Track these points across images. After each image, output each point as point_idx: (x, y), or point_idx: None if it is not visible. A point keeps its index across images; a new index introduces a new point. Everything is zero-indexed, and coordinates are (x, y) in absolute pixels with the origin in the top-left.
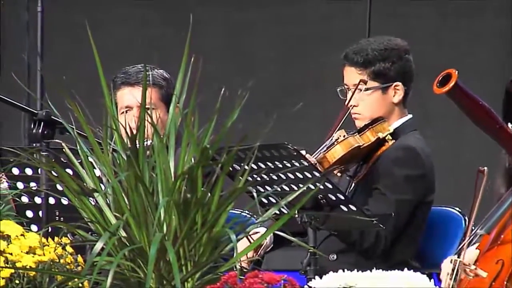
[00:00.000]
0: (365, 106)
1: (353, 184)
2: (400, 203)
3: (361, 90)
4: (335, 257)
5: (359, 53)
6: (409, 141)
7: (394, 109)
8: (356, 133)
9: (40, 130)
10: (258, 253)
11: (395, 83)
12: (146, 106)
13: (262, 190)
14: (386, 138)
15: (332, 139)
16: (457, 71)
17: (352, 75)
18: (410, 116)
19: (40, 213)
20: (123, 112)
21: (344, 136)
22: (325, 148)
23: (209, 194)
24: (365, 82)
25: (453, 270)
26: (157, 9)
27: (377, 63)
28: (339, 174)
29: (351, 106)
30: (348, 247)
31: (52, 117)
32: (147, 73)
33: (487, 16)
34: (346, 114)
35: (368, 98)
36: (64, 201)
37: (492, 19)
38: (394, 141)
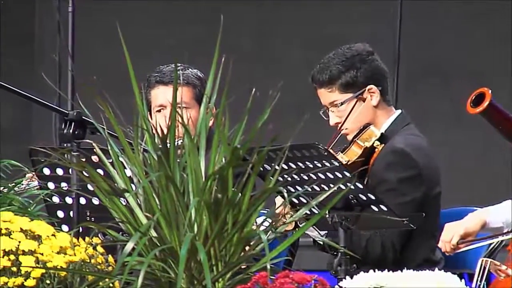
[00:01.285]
0: (348, 120)
1: None
2: (401, 206)
3: (337, 106)
4: (355, 266)
5: (322, 72)
6: (396, 143)
7: (377, 112)
8: (339, 152)
9: (71, 131)
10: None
11: (367, 87)
12: (179, 105)
13: (292, 190)
14: (374, 145)
15: None
16: (490, 90)
17: (324, 95)
18: (398, 112)
19: (71, 213)
20: (157, 111)
21: None
22: None
23: (240, 194)
24: (356, 103)
25: (483, 270)
26: (188, 9)
27: (342, 75)
28: None
29: (336, 124)
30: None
31: (83, 117)
32: (182, 72)
33: None
34: (339, 135)
35: (347, 111)
36: (95, 201)
37: None
38: (383, 145)
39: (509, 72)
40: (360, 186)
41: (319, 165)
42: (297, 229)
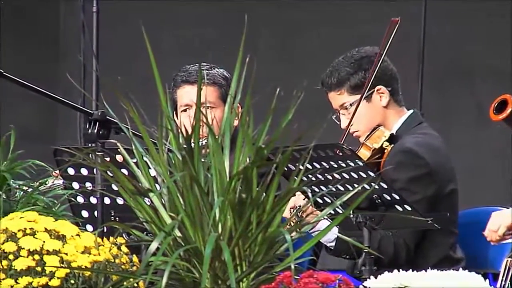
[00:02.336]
0: (358, 122)
1: None
2: (414, 205)
3: (347, 108)
4: (375, 268)
5: (331, 75)
6: (405, 142)
7: (387, 113)
8: None
9: (95, 130)
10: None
11: (376, 88)
12: (205, 105)
13: (317, 190)
14: (384, 146)
15: None
16: None
17: (334, 98)
18: (410, 112)
19: (96, 213)
20: (183, 111)
21: None
22: None
23: (264, 194)
24: (365, 104)
25: (508, 270)
26: (213, 9)
27: (351, 77)
28: None
29: (346, 127)
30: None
31: (108, 117)
32: (207, 71)
33: None
34: (345, 136)
35: (358, 113)
36: (120, 201)
37: None
38: (392, 146)
39: None
40: (384, 185)
41: (343, 165)
42: None
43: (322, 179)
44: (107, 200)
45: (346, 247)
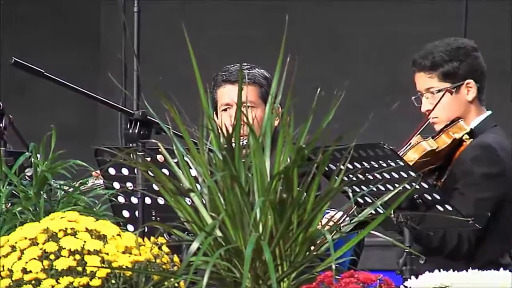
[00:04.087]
0: (440, 109)
1: (437, 187)
2: (480, 202)
3: (433, 93)
4: (424, 260)
5: (426, 57)
6: (486, 138)
7: (470, 108)
8: (430, 138)
9: (136, 130)
10: None
11: (466, 81)
12: (245, 104)
13: (357, 190)
14: (463, 138)
15: (408, 145)
16: None
17: (422, 80)
18: (489, 112)
19: (137, 213)
20: (223, 110)
21: (418, 141)
22: (400, 154)
23: (305, 194)
24: (451, 94)
25: None
26: (253, 9)
27: (445, 64)
28: None
29: (427, 111)
30: (432, 252)
31: (148, 117)
32: (248, 71)
33: None
34: (427, 122)
35: (442, 101)
36: (160, 201)
37: None
38: (471, 140)
39: None
40: (426, 185)
41: (385, 164)
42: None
43: (363, 179)
44: (148, 200)
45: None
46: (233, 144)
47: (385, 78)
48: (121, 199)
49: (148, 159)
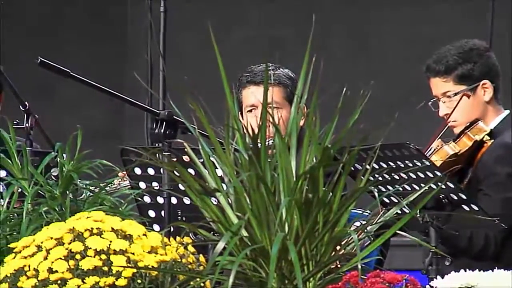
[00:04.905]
0: (458, 112)
1: None
2: (505, 202)
3: (450, 97)
4: (449, 261)
5: (439, 61)
6: (506, 138)
7: (488, 108)
8: (451, 141)
9: (162, 130)
10: None
11: (482, 82)
12: (270, 105)
13: (383, 189)
14: (484, 139)
15: (430, 150)
16: None
17: (438, 85)
18: (507, 112)
19: (162, 212)
20: (248, 111)
21: (440, 145)
22: None
23: (331, 193)
24: (468, 96)
25: None
26: (280, 9)
27: (459, 66)
28: None
29: (445, 115)
30: (460, 253)
31: (174, 117)
32: (273, 72)
33: None
34: (447, 126)
35: (459, 103)
36: (186, 201)
37: None
38: (492, 140)
39: None
40: (451, 185)
41: (410, 164)
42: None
43: (389, 178)
44: (174, 200)
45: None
46: (259, 144)
47: (411, 78)
48: (147, 199)
49: (174, 159)
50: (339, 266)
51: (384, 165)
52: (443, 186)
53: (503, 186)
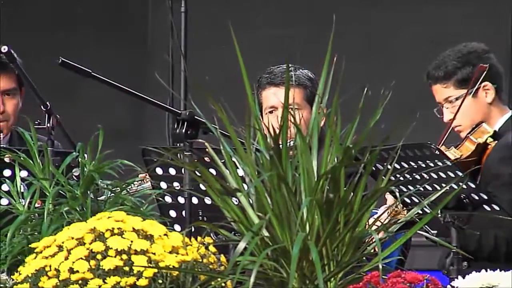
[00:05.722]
0: (462, 116)
1: None
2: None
3: (452, 102)
4: (466, 265)
5: (438, 68)
6: (508, 138)
7: (491, 110)
8: (452, 147)
9: (183, 130)
10: None
11: (483, 84)
12: (291, 106)
13: (404, 189)
14: (487, 141)
15: None
16: None
17: (439, 91)
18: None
19: (183, 213)
20: (268, 112)
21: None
22: None
23: (352, 193)
24: (469, 97)
25: None
26: (301, 9)
27: (458, 71)
28: None
29: (449, 121)
30: (471, 255)
31: (196, 117)
32: (293, 73)
33: None
34: (449, 130)
35: (462, 107)
36: (207, 201)
37: None
38: (496, 142)
39: None
40: (472, 185)
41: (431, 164)
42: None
43: (410, 178)
44: (195, 200)
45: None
46: (280, 145)
47: None
48: (168, 199)
49: (195, 159)
50: (360, 266)
51: (405, 165)
52: (464, 186)
53: (508, 187)
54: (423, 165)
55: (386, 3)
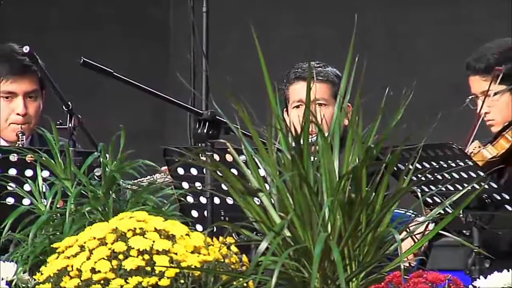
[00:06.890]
0: (497, 111)
1: None
2: None
3: (489, 96)
4: (488, 265)
5: (479, 60)
6: None
7: None
8: (489, 144)
9: (205, 130)
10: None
11: None
12: (319, 102)
13: (426, 189)
14: None
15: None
16: None
17: (477, 83)
18: None
19: (205, 213)
20: (295, 107)
21: (478, 148)
22: None
23: (374, 193)
24: (500, 70)
25: None
26: (322, 9)
27: (500, 66)
28: None
29: (483, 114)
30: (502, 256)
31: (217, 117)
32: (321, 69)
33: None
34: (478, 123)
35: (499, 103)
36: (229, 201)
37: None
38: None
39: None
40: (494, 185)
41: (453, 164)
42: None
43: (432, 178)
44: (216, 200)
45: None
46: (302, 145)
47: (455, 78)
48: (190, 199)
49: (217, 159)
50: (382, 266)
51: (427, 165)
52: (486, 186)
53: None
54: (445, 165)
55: (407, 2)
